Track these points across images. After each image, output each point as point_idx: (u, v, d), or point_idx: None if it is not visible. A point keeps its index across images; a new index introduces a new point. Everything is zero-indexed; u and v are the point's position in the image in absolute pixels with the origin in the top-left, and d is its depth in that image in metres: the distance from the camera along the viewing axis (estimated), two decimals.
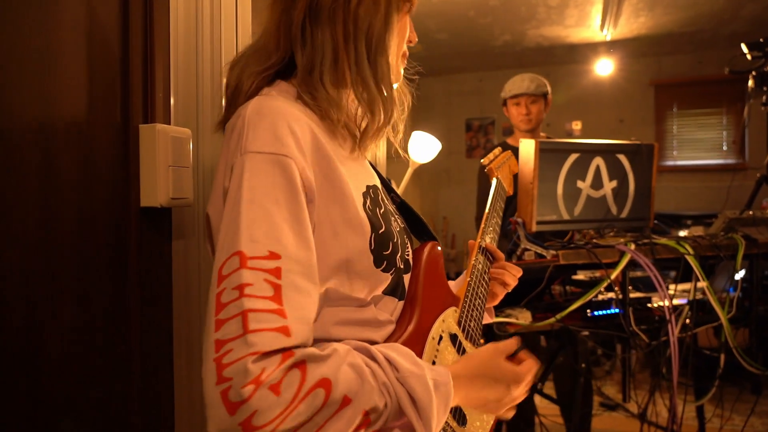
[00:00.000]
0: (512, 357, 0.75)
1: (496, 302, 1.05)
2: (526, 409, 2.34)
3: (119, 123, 0.84)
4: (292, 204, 0.61)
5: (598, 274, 2.06)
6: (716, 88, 4.71)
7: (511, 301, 2.00)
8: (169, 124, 0.93)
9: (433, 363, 0.75)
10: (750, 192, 2.87)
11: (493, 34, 4.25)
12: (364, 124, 0.75)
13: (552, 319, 1.76)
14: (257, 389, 0.51)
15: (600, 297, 1.90)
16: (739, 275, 2.15)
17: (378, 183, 0.81)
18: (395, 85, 0.82)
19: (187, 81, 0.97)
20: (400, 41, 0.80)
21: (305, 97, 0.71)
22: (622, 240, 1.83)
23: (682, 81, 4.80)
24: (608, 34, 4.10)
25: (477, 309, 0.90)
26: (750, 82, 2.82)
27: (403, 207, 0.91)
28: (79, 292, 0.78)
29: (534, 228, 1.79)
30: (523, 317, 1.84)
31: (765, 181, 2.85)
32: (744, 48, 2.85)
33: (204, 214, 0.97)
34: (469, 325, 0.86)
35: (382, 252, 0.70)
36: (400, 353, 0.63)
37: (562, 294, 1.99)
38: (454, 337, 0.81)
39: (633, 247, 1.72)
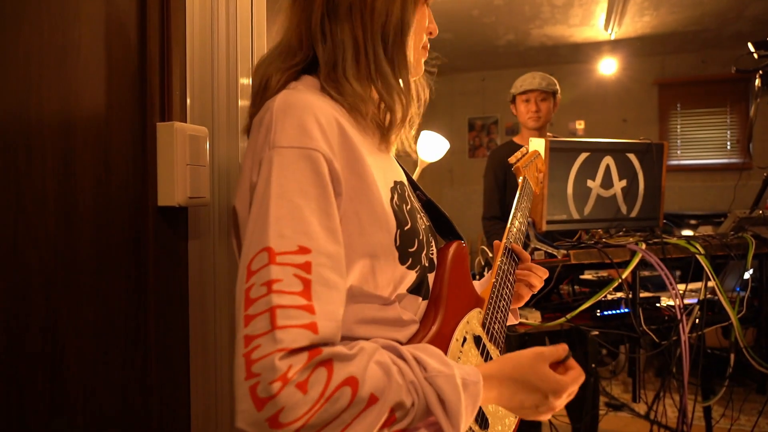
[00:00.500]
0: (560, 364, 0.72)
1: (521, 304, 1.04)
2: None
3: (137, 121, 0.84)
4: (321, 198, 0.60)
5: (605, 273, 2.05)
6: (720, 87, 4.70)
7: None
8: (186, 122, 0.92)
9: None
10: (755, 191, 2.86)
11: (497, 34, 4.24)
12: (387, 119, 0.75)
13: (563, 319, 1.75)
14: (285, 386, 0.51)
15: (609, 297, 1.90)
16: (748, 275, 2.14)
17: (404, 179, 0.80)
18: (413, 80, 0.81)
19: (203, 80, 0.97)
20: (418, 33, 0.79)
21: (331, 91, 0.71)
22: (632, 239, 1.82)
23: (686, 80, 4.79)
24: (612, 33, 4.09)
25: (501, 311, 0.89)
26: (756, 81, 2.81)
27: (429, 205, 0.91)
28: (97, 291, 0.78)
29: (544, 227, 1.78)
30: (533, 317, 1.84)
31: None
32: (750, 47, 2.85)
33: (224, 211, 0.97)
34: (494, 328, 0.85)
35: (407, 249, 0.70)
36: (428, 353, 0.63)
37: (570, 294, 1.99)
38: (478, 339, 0.81)
39: (644, 246, 1.71)
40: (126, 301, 0.82)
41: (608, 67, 4.74)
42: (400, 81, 0.74)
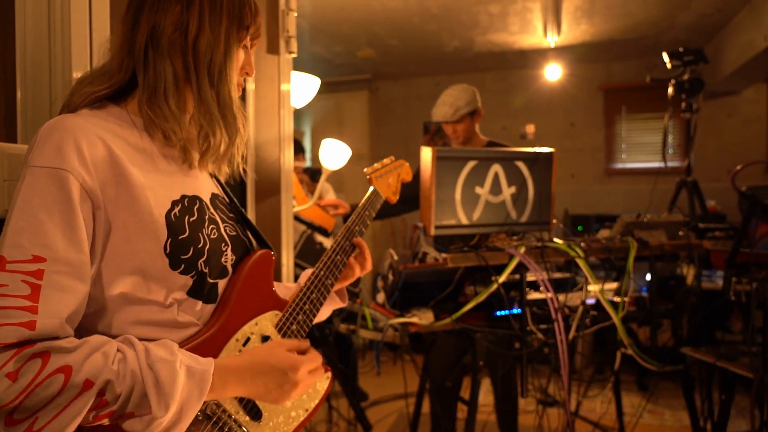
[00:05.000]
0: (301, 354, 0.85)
1: (348, 281, 1.13)
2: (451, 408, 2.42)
3: None
4: (66, 213, 0.68)
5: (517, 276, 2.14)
6: (663, 93, 4.83)
7: (419, 301, 2.09)
8: (15, 141, 1.00)
9: None
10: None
11: (442, 40, 4.34)
12: (205, 147, 0.84)
13: (448, 319, 1.84)
14: None
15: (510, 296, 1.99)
16: (649, 276, 2.25)
17: (204, 196, 0.87)
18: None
19: (38, 100, 1.04)
20: (237, 72, 0.88)
21: (146, 115, 0.79)
22: (519, 243, 1.91)
23: (630, 86, 4.93)
24: (552, 41, 4.21)
25: (305, 313, 0.96)
26: (669, 90, 2.94)
27: (245, 221, 0.98)
28: None
29: (432, 232, 1.87)
30: (425, 318, 1.93)
31: (684, 185, 2.97)
32: (665, 57, 2.98)
33: None
34: (291, 329, 0.93)
35: (179, 255, 0.77)
36: (161, 345, 0.71)
37: (474, 295, 2.08)
38: (265, 339, 0.88)
39: (523, 250, 1.81)
40: None
41: (553, 73, 4.86)
42: (226, 114, 0.84)
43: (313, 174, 3.55)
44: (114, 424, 0.67)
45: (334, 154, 2.08)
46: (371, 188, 1.29)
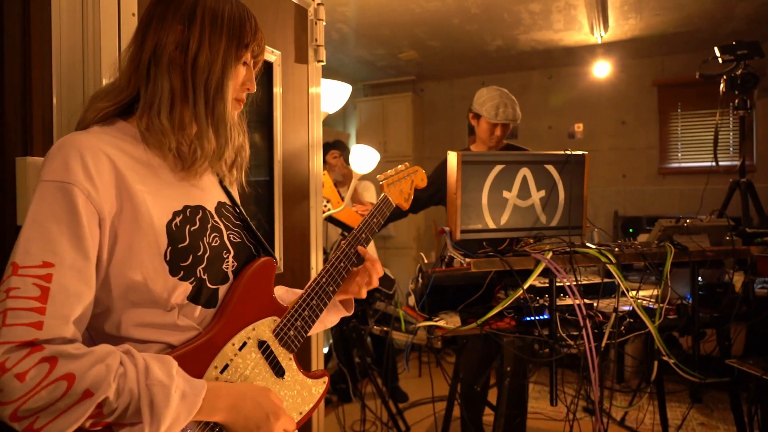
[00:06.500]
0: None
1: (348, 295, 1.14)
2: (477, 415, 2.41)
3: None
4: (72, 223, 0.74)
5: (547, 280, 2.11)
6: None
7: (449, 305, 2.09)
8: None
9: (227, 366, 0.87)
10: (762, 195, 2.82)
11: (484, 40, 4.30)
12: (194, 158, 0.89)
13: (473, 324, 1.84)
14: (3, 374, 0.65)
15: (541, 301, 1.96)
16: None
17: (209, 205, 0.92)
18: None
19: (72, 115, 1.13)
20: (234, 88, 0.93)
21: (143, 129, 0.85)
22: (548, 248, 1.88)
23: (686, 81, 4.69)
24: (599, 38, 4.08)
25: (303, 319, 0.99)
26: (721, 86, 2.80)
27: (250, 228, 1.02)
28: None
29: (458, 236, 1.87)
30: (452, 322, 1.93)
31: (737, 186, 2.82)
32: (717, 51, 2.83)
33: None
34: (288, 334, 0.97)
35: (179, 263, 0.82)
36: (161, 363, 0.76)
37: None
38: (261, 343, 0.92)
39: (550, 255, 1.78)
40: None
41: (604, 69, 4.70)
42: (219, 126, 0.89)
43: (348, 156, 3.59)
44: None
45: (364, 158, 2.12)
46: (382, 195, 1.31)
